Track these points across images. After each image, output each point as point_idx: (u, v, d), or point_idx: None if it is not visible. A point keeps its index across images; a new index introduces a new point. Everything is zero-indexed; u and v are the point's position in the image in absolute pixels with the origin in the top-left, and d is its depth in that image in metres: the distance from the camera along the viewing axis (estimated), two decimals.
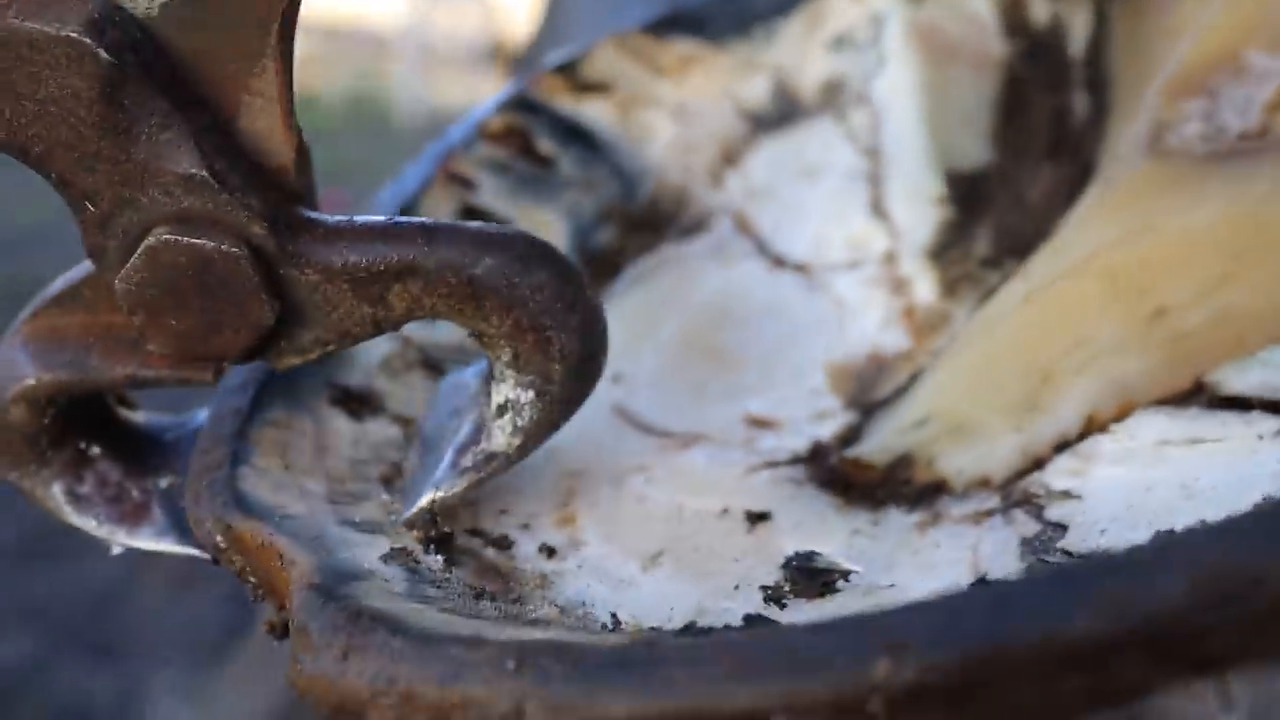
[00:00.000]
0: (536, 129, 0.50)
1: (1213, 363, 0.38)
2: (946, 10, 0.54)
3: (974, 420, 0.37)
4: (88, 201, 0.31)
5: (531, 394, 0.33)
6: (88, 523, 0.37)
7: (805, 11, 0.54)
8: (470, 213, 0.46)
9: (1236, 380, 0.35)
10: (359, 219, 0.33)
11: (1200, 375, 0.38)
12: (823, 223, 0.48)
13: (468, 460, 0.34)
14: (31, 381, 0.35)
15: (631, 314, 0.45)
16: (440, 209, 0.45)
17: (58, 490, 0.37)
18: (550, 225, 0.47)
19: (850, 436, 0.40)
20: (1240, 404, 0.35)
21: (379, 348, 0.40)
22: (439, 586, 0.31)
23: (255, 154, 0.32)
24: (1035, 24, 0.55)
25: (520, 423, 0.34)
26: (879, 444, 0.38)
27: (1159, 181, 0.40)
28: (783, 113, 0.53)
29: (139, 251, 0.32)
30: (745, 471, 0.38)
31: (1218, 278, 0.38)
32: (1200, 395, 0.37)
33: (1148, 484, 0.33)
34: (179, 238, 0.31)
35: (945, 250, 0.45)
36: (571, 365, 0.33)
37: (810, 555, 0.33)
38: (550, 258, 0.33)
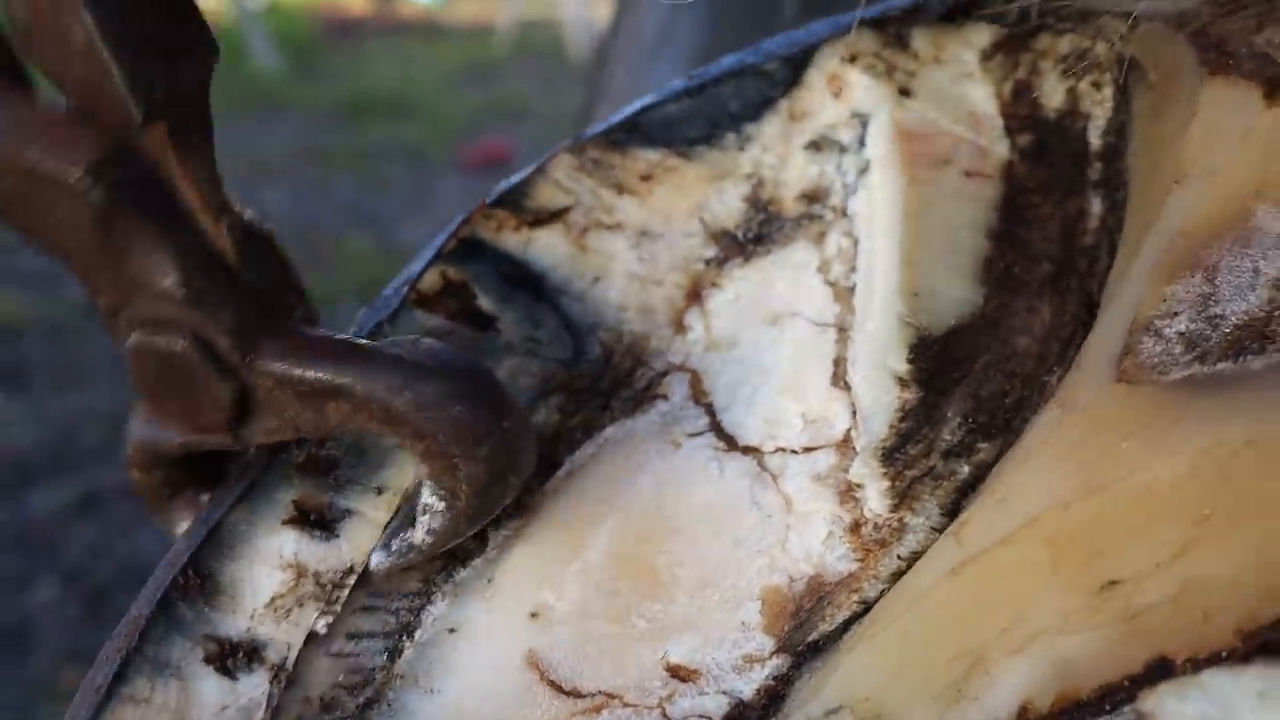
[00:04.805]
0: (478, 280, 0.46)
1: (1173, 642, 0.33)
2: (938, 105, 0.47)
3: (893, 710, 0.34)
4: (99, 295, 0.37)
5: (443, 505, 0.39)
6: None
7: (782, 110, 0.49)
8: None
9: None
10: (321, 337, 0.38)
11: (1155, 656, 0.33)
12: (781, 391, 0.44)
13: (395, 544, 0.40)
14: (128, 450, 0.42)
15: (562, 526, 0.42)
16: None
17: (178, 533, 0.43)
18: None
19: (775, 693, 0.37)
20: None
21: (267, 584, 0.39)
22: None
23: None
24: (1046, 109, 0.48)
25: (433, 525, 0.39)
26: None
27: (1121, 419, 0.35)
28: (759, 230, 0.48)
29: (125, 351, 0.38)
30: None
31: (1180, 545, 0.33)
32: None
33: None
34: (149, 338, 0.37)
35: (903, 445, 0.40)
36: (477, 490, 0.38)
37: None
38: (469, 394, 0.37)
